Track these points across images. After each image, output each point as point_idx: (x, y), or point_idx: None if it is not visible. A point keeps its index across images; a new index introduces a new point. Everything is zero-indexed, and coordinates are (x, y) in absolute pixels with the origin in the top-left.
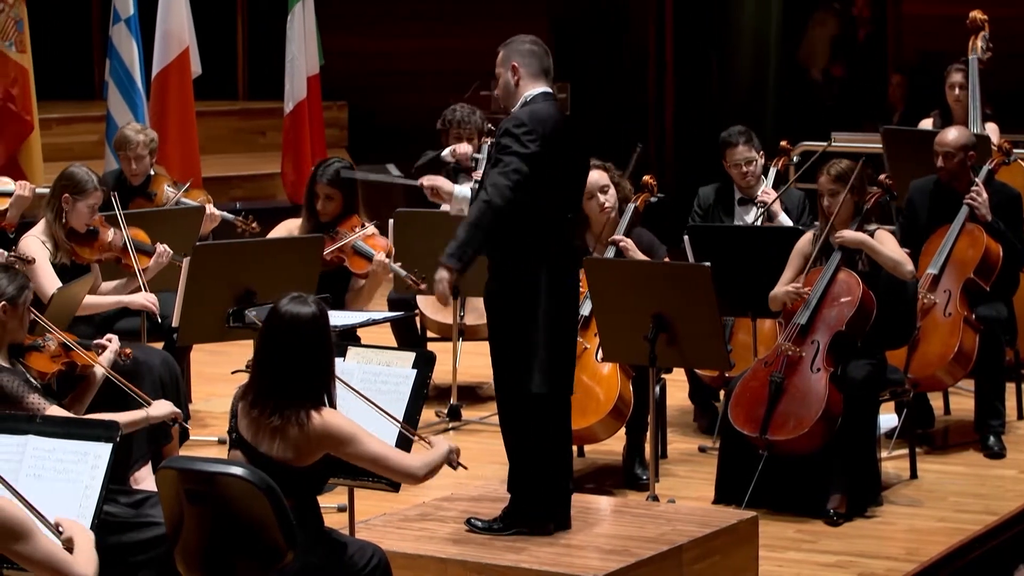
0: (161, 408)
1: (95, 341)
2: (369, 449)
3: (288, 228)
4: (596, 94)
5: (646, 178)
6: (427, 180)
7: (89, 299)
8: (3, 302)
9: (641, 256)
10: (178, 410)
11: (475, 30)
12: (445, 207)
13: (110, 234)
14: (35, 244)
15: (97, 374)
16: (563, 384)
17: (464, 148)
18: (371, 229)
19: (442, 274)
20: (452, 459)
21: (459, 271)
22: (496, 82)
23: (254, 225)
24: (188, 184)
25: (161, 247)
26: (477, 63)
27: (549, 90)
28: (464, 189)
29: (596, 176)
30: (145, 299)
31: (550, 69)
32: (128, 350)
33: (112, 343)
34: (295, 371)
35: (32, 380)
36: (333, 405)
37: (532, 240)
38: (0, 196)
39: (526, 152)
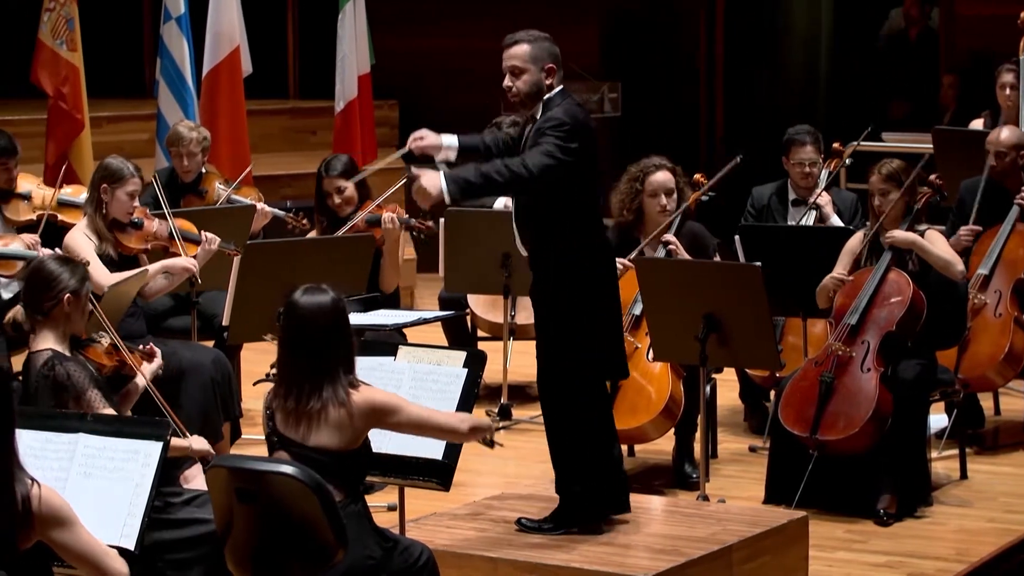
0: (202, 443)
1: (140, 348)
2: (413, 414)
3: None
4: (647, 93)
5: (697, 176)
6: (415, 144)
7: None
8: (68, 293)
9: (687, 258)
10: (213, 452)
11: (526, 29)
12: (503, 205)
13: (155, 224)
14: (80, 237)
15: (139, 384)
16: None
17: None
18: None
19: (432, 182)
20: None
21: (448, 195)
22: (517, 77)
23: (305, 222)
24: (244, 173)
25: (208, 235)
26: None
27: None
28: (451, 138)
29: (665, 178)
30: (185, 261)
31: None
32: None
33: (156, 357)
34: (323, 354)
35: (95, 374)
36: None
37: (558, 233)
38: (77, 208)
39: (569, 147)
